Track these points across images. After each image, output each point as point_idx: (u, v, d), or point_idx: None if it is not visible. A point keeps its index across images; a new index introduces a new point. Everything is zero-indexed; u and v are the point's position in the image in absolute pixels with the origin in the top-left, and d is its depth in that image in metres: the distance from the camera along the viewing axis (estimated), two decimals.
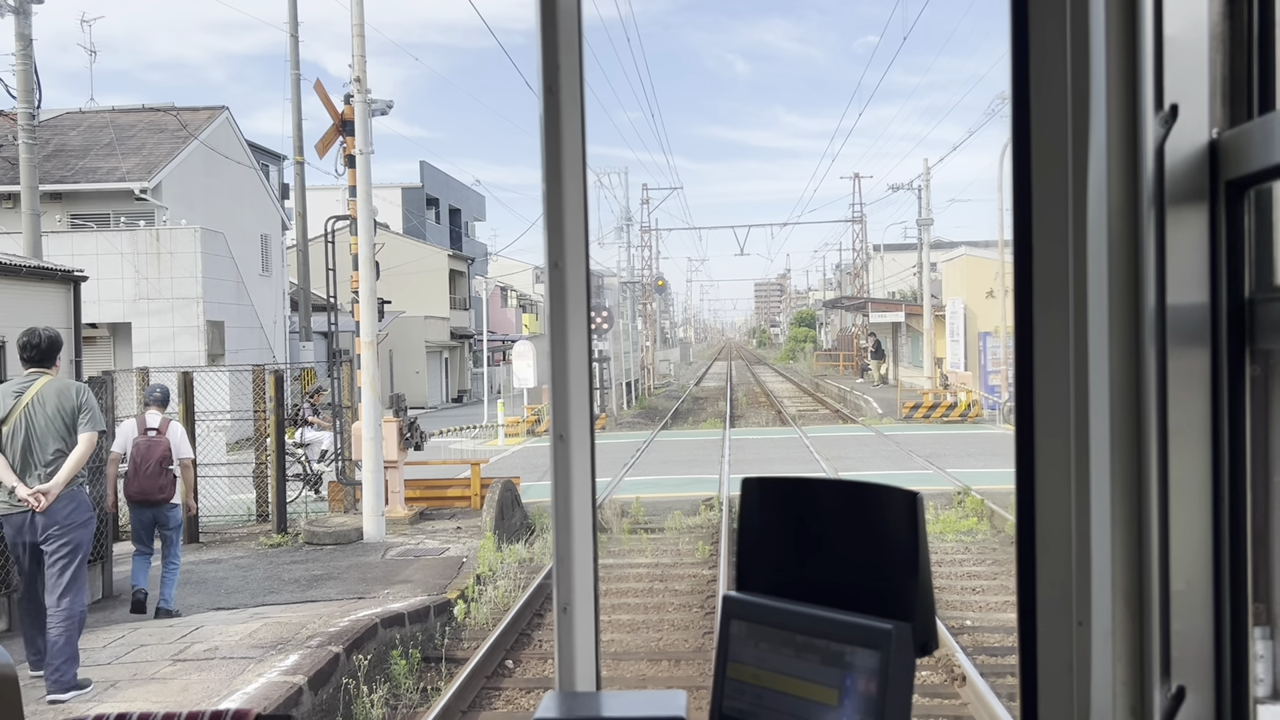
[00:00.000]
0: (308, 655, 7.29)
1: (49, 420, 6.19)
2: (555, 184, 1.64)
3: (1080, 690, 1.08)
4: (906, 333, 42.15)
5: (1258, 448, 1.01)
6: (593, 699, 1.61)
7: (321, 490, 15.40)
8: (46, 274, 10.07)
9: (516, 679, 7.99)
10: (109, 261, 22.71)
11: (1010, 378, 4.12)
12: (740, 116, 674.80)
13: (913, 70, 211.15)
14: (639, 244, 51.84)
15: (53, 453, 6.21)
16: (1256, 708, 1.00)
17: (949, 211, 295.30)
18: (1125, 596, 1.02)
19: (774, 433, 26.51)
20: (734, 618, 1.25)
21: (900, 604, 1.12)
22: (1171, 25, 1.01)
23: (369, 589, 9.70)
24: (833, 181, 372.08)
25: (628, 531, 13.33)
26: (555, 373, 1.64)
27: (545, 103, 1.63)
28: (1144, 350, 1.02)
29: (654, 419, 32.95)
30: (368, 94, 12.91)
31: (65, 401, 6.24)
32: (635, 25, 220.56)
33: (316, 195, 33.62)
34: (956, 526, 13.01)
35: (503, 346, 42.97)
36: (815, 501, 1.25)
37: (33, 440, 6.19)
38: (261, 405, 13.19)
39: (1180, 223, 1.01)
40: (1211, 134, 1.02)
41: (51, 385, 6.28)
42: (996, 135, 36.25)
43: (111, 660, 7.42)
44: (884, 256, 57.29)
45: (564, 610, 1.64)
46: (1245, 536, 1.00)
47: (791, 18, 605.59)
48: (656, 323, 60.77)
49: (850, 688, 1.12)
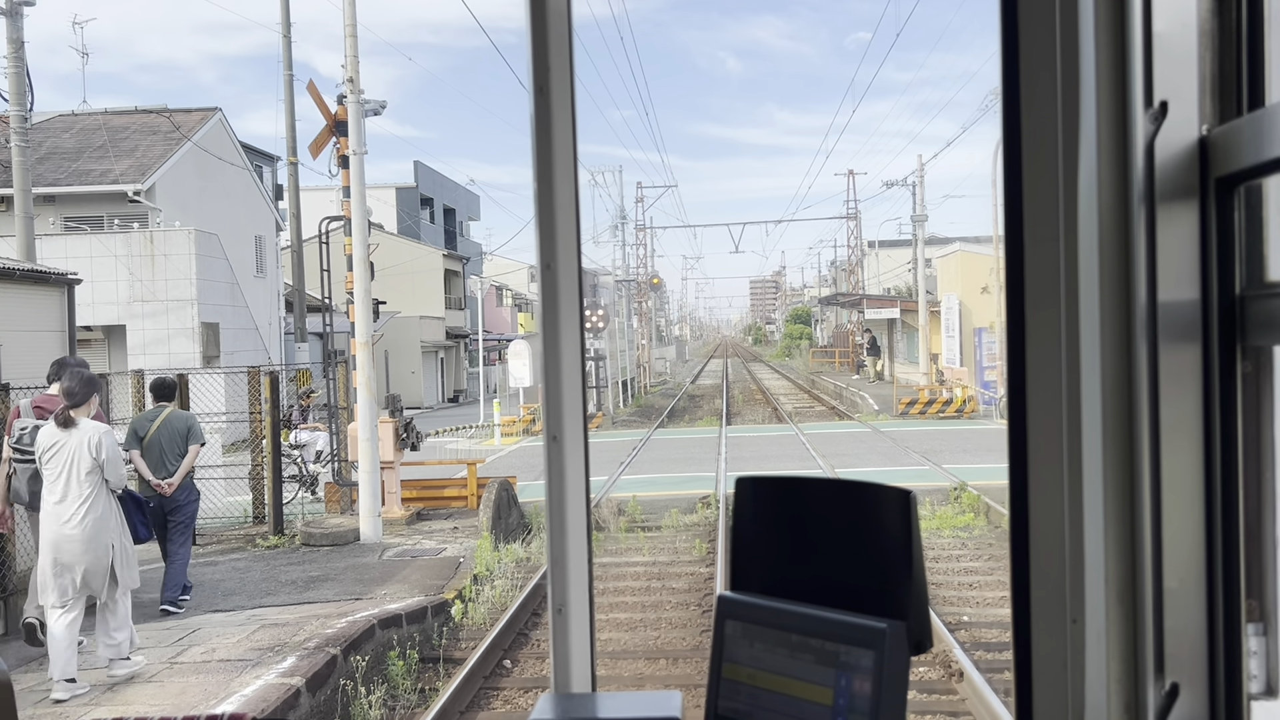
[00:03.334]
0: (305, 657, 7.29)
1: (171, 437, 8.93)
2: (547, 185, 1.64)
3: (1075, 687, 1.09)
4: (902, 329, 42.19)
5: (1249, 444, 1.01)
6: (588, 700, 1.61)
7: (318, 491, 15.37)
8: (41, 277, 10.05)
9: (514, 679, 7.99)
10: (103, 264, 22.67)
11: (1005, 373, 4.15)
12: (733, 114, 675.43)
13: (905, 66, 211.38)
14: (634, 242, 51.88)
15: (175, 458, 8.92)
16: (1250, 704, 1.00)
17: (943, 207, 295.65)
18: (1119, 594, 1.02)
19: (770, 430, 26.53)
20: (729, 617, 1.25)
21: (895, 603, 1.12)
22: (1161, 22, 1.01)
23: (366, 590, 9.70)
24: (827, 178, 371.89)
25: (625, 530, 13.34)
26: (548, 374, 1.64)
27: (536, 103, 1.63)
28: (1135, 347, 1.02)
29: (650, 417, 32.96)
30: (361, 94, 12.89)
31: (180, 424, 9.06)
32: (628, 23, 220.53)
33: (310, 196, 33.57)
34: (953, 522, 13.03)
35: (498, 346, 42.95)
36: (809, 500, 1.25)
37: (162, 450, 8.90)
38: (257, 407, 13.17)
39: (1171, 219, 1.01)
40: (1201, 131, 1.02)
41: (173, 413, 9.14)
42: (990, 131, 36.31)
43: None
44: (879, 253, 57.34)
45: (559, 611, 1.64)
46: (1238, 533, 1.00)
47: (783, 15, 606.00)
48: (652, 321, 60.79)
49: (845, 687, 1.12)
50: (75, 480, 6.48)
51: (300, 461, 15.86)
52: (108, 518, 6.59)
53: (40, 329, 9.77)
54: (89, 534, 6.47)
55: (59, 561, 6.45)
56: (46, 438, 6.58)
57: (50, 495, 6.53)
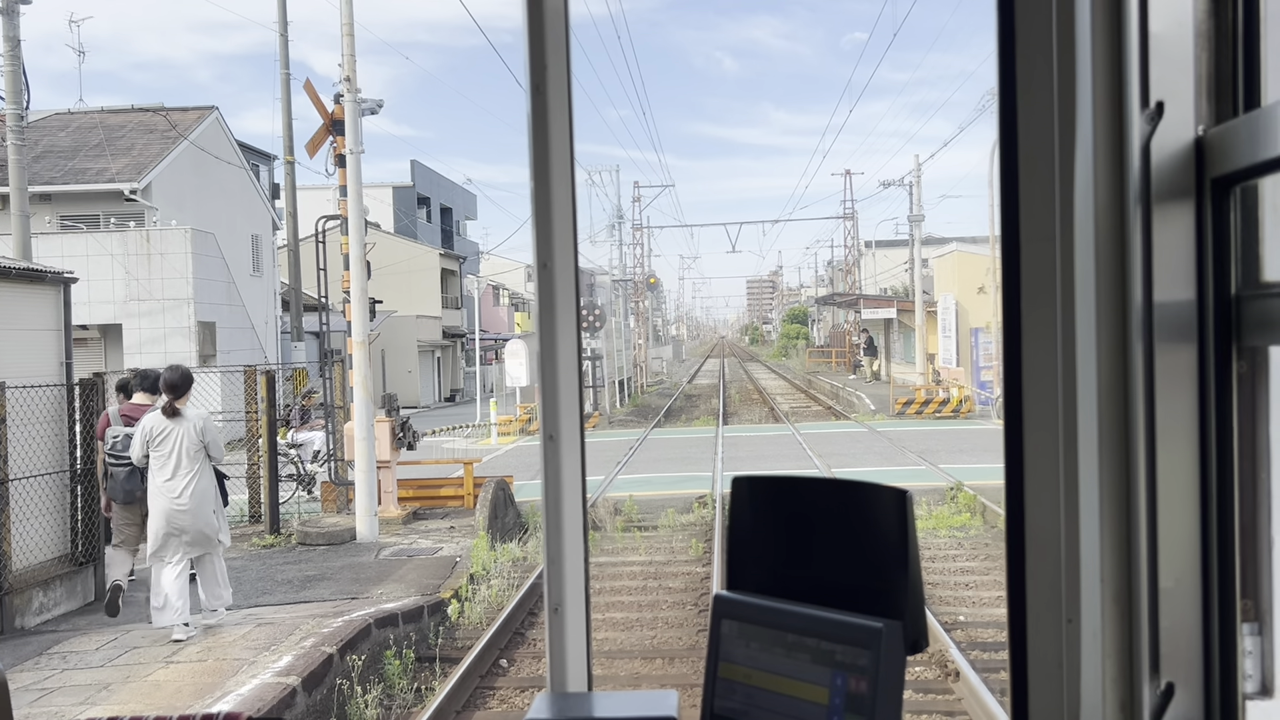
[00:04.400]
0: (301, 656, 7.28)
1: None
2: (544, 184, 1.64)
3: (1070, 687, 1.09)
4: (898, 329, 42.22)
5: (1245, 444, 1.01)
6: (584, 699, 1.61)
7: (314, 491, 15.36)
8: (36, 276, 10.03)
9: (511, 678, 7.99)
10: (99, 263, 22.65)
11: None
12: (729, 114, 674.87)
13: (902, 67, 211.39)
14: (631, 242, 51.87)
15: None
16: (1245, 704, 1.01)
17: (940, 207, 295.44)
18: (1114, 593, 1.02)
19: (767, 430, 26.53)
20: (725, 617, 1.25)
21: (891, 602, 1.13)
22: (1157, 22, 1.01)
23: (362, 589, 9.69)
24: (824, 178, 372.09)
25: (621, 529, 13.34)
26: (545, 373, 1.64)
27: (533, 103, 1.63)
28: (1131, 347, 1.02)
29: (647, 417, 32.96)
30: (357, 93, 12.89)
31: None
32: (625, 22, 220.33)
33: (307, 195, 33.54)
34: (949, 522, 13.04)
35: (495, 345, 42.93)
36: (805, 500, 1.25)
37: None
38: (253, 406, 13.16)
39: (1167, 220, 1.01)
40: (1197, 131, 1.02)
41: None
42: (987, 131, 36.34)
43: (104, 663, 7.40)
44: (876, 253, 57.37)
45: (555, 611, 1.64)
46: (1233, 533, 1.00)
47: (779, 15, 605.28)
48: (649, 320, 60.78)
49: (841, 686, 1.12)
50: (185, 459, 7.61)
51: (297, 461, 15.85)
52: (209, 489, 7.79)
53: (36, 328, 9.76)
54: (195, 503, 7.63)
55: (171, 526, 7.60)
56: (155, 425, 7.66)
57: (161, 473, 7.61)
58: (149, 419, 7.74)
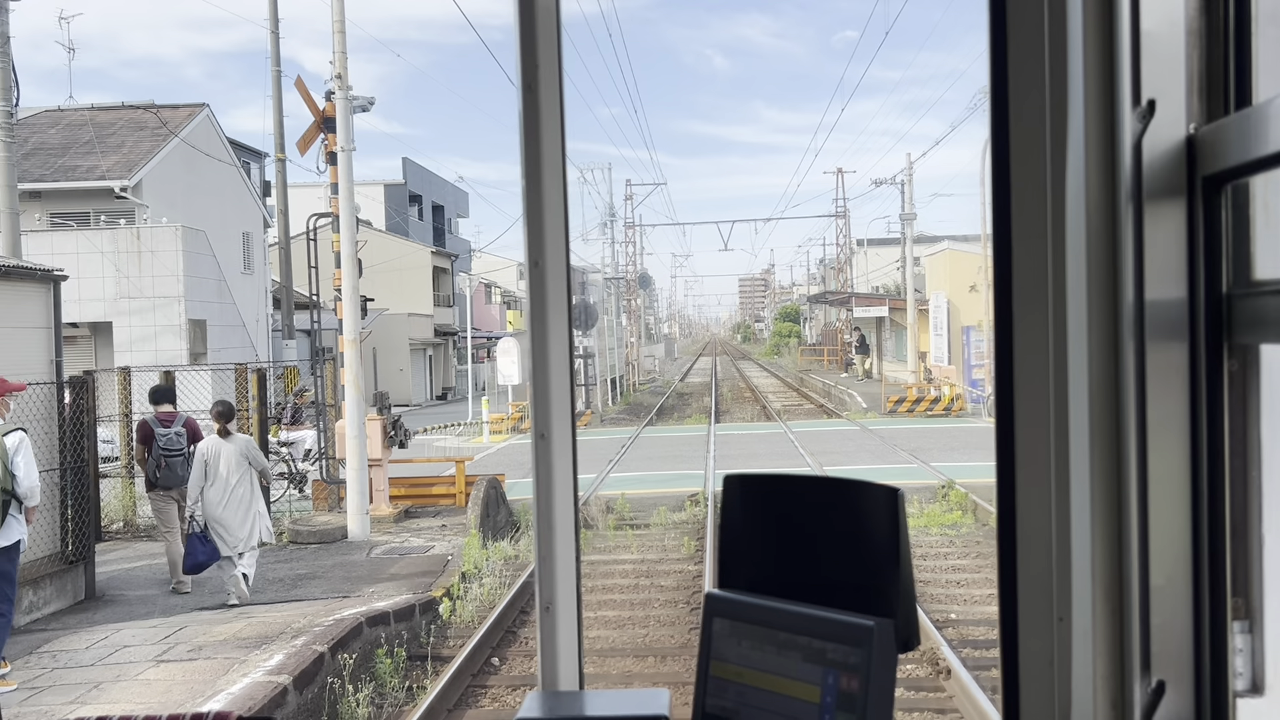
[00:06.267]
0: (292, 655, 7.27)
1: None
2: (535, 183, 1.63)
3: (1061, 685, 1.09)
4: (890, 327, 42.27)
5: (1236, 442, 1.01)
6: (576, 698, 1.61)
7: (306, 489, 15.33)
8: (26, 273, 9.99)
9: (502, 676, 7.98)
10: (89, 260, 22.54)
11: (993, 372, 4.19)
12: (720, 112, 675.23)
13: (893, 65, 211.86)
14: (623, 240, 51.85)
15: None
16: (1236, 701, 1.01)
17: (932, 206, 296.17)
18: (1105, 592, 1.02)
19: (759, 428, 26.55)
20: (716, 615, 1.24)
21: (882, 600, 1.12)
22: (1149, 21, 1.01)
23: (354, 588, 9.68)
24: (815, 176, 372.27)
25: (613, 528, 13.33)
26: (536, 371, 1.64)
27: (524, 101, 1.63)
28: (1123, 345, 1.02)
29: (639, 415, 32.95)
30: (348, 91, 12.86)
31: None
32: (616, 20, 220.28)
33: (298, 192, 33.47)
34: (941, 520, 13.06)
35: (487, 343, 42.88)
36: (797, 498, 1.25)
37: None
38: (245, 404, 13.13)
39: (1158, 218, 1.01)
40: (1189, 129, 1.02)
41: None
42: (978, 130, 36.46)
43: (95, 661, 7.38)
44: (867, 251, 57.39)
45: (546, 609, 1.64)
46: (1224, 531, 1.00)
47: (770, 13, 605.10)
48: (641, 319, 60.77)
49: (832, 684, 1.12)
50: (234, 473, 9.05)
51: (289, 459, 15.82)
52: (255, 497, 9.26)
53: (25, 325, 9.74)
54: (243, 510, 9.07)
55: (225, 528, 8.95)
56: (211, 447, 9.10)
57: (215, 486, 9.01)
58: (207, 442, 9.20)
